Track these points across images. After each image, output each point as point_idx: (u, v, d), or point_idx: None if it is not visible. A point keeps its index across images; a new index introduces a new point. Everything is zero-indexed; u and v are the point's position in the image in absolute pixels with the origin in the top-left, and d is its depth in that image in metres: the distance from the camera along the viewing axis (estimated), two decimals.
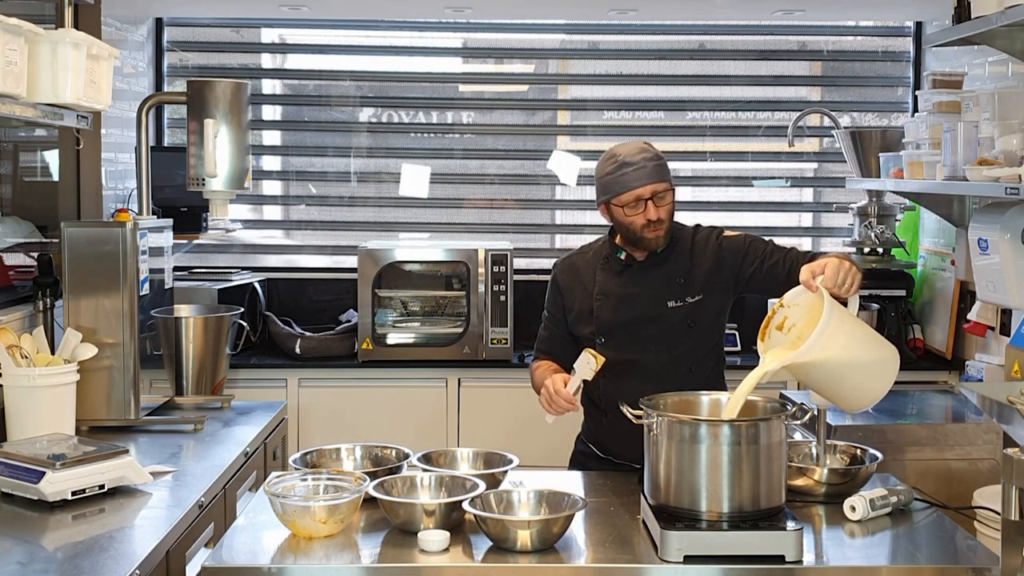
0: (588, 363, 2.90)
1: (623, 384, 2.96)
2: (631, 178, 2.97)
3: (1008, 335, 4.08)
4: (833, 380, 2.61)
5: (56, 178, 4.35)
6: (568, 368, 3.02)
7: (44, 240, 4.08)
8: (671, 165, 2.93)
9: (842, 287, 2.64)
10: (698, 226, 3.16)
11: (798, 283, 2.68)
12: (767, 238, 3.11)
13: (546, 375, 3.03)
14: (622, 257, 3.10)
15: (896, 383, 5.00)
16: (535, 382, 3.12)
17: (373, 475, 2.68)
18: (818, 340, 2.51)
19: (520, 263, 5.14)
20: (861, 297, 4.81)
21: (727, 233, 3.11)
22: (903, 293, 4.96)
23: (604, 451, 3.17)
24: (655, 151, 3.03)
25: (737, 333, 5.00)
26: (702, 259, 3.06)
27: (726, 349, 3.39)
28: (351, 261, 5.20)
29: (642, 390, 2.69)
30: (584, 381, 2.95)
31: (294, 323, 5.11)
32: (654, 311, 3.03)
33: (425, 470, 2.76)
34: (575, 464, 3.25)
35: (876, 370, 2.64)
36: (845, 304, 2.68)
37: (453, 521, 2.51)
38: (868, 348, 2.63)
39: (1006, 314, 4.21)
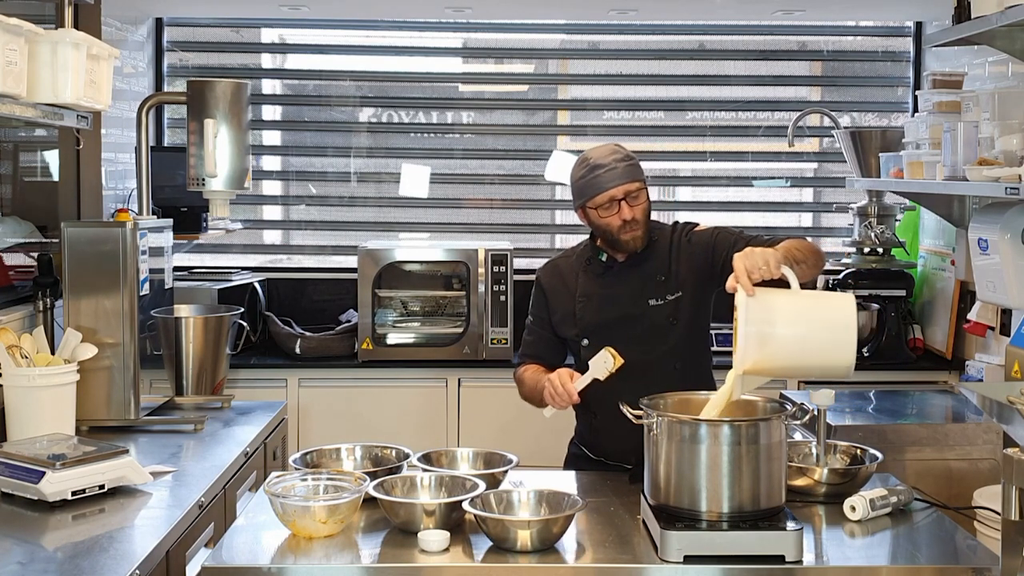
0: (605, 362, 2.85)
1: (611, 384, 2.93)
2: (603, 180, 2.98)
3: (1008, 335, 4.08)
4: (796, 364, 2.53)
5: (56, 178, 4.35)
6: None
7: (44, 240, 4.08)
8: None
9: (760, 271, 2.54)
10: (676, 223, 3.17)
11: None
12: (740, 229, 3.10)
13: (539, 375, 3.03)
14: (603, 259, 3.11)
15: (896, 383, 5.02)
16: (526, 385, 3.11)
17: (373, 475, 2.68)
18: (747, 345, 2.48)
19: (520, 263, 5.14)
20: (860, 298, 4.89)
21: (697, 228, 3.12)
22: (903, 293, 4.97)
23: (596, 452, 3.17)
24: (626, 152, 3.04)
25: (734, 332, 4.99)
26: (678, 256, 3.07)
27: (719, 348, 3.38)
28: (351, 261, 5.20)
29: (630, 389, 2.69)
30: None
31: (294, 323, 5.11)
32: (636, 310, 3.04)
33: (425, 470, 2.76)
34: (569, 467, 3.25)
35: (830, 334, 2.49)
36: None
37: (453, 521, 2.51)
38: (812, 321, 2.51)
39: (1006, 314, 4.21)
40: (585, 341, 3.07)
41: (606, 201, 2.99)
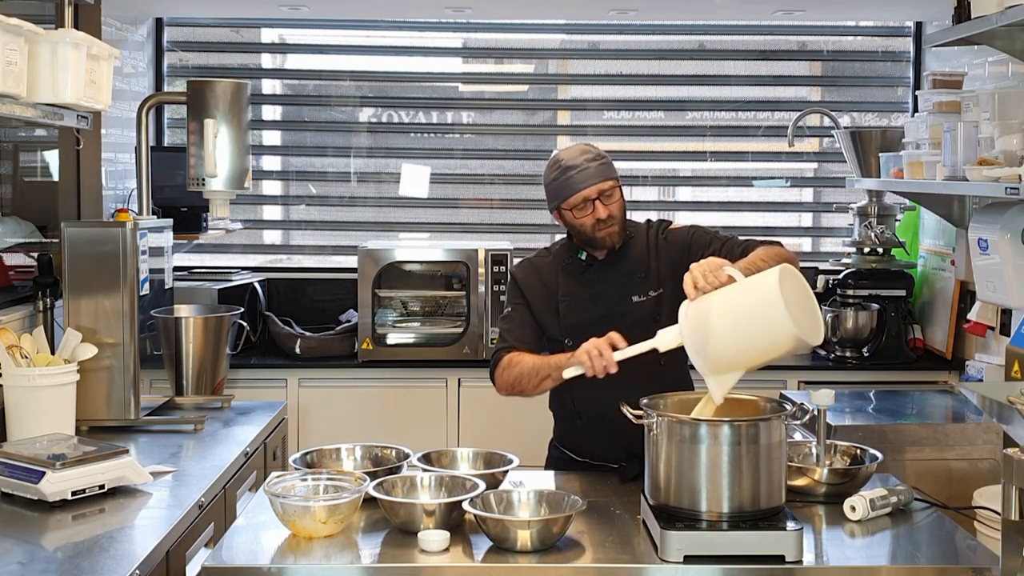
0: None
1: (596, 383, 2.87)
2: (575, 180, 2.98)
3: (1008, 335, 4.08)
4: (745, 353, 2.51)
5: (56, 178, 4.35)
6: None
7: (44, 240, 4.08)
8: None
9: (704, 278, 2.56)
10: (649, 221, 3.17)
11: None
12: (715, 229, 3.10)
13: (537, 358, 2.94)
14: (583, 258, 3.10)
15: (896, 383, 5.00)
16: (523, 366, 2.95)
17: (373, 475, 2.68)
18: (694, 350, 2.51)
19: None
20: (860, 298, 4.88)
21: (672, 227, 3.12)
22: (903, 293, 4.96)
23: (580, 454, 3.13)
24: (597, 151, 3.05)
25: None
26: (657, 254, 3.07)
27: None
28: (351, 261, 5.20)
29: (615, 388, 2.68)
30: (561, 384, 2.93)
31: (294, 323, 5.11)
32: (620, 307, 3.02)
33: (425, 470, 2.77)
34: (550, 469, 3.22)
35: (760, 316, 2.47)
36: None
37: (453, 521, 2.51)
38: (741, 309, 2.51)
39: (1006, 314, 4.21)
40: (569, 341, 3.02)
41: (580, 201, 2.99)
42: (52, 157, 4.42)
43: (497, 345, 3.12)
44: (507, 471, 2.81)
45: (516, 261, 3.30)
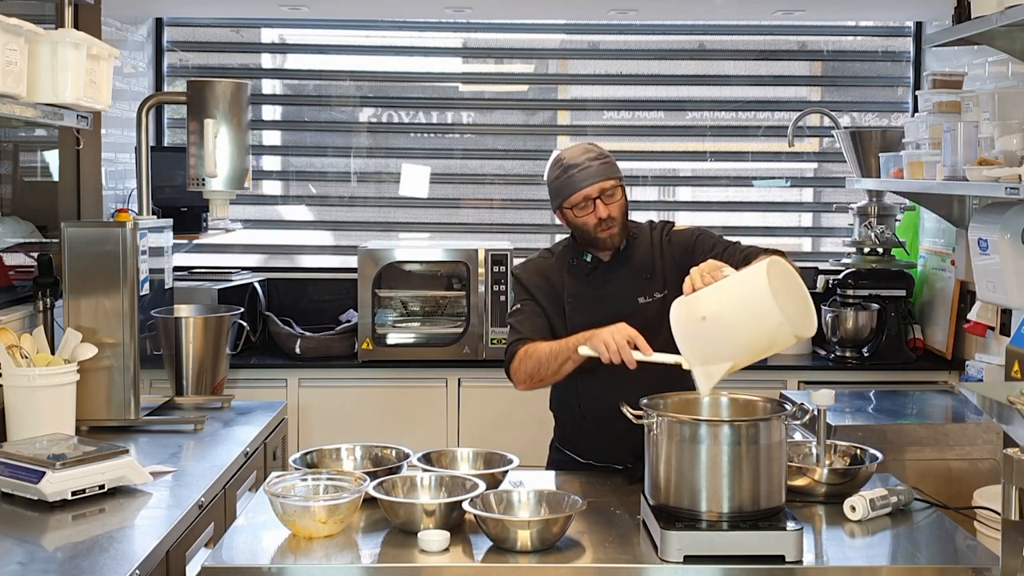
0: None
1: (603, 384, 2.90)
2: (577, 179, 2.98)
3: (1008, 335, 4.08)
4: (734, 345, 2.51)
5: (56, 178, 4.35)
6: None
7: (44, 240, 4.08)
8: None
9: (700, 284, 2.59)
10: (651, 222, 3.18)
11: None
12: (719, 234, 3.10)
13: (556, 343, 2.90)
14: (588, 259, 3.09)
15: (896, 383, 5.01)
16: (539, 353, 2.91)
17: (373, 475, 2.68)
18: (683, 343, 2.54)
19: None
20: (860, 298, 4.88)
21: (676, 228, 3.12)
22: (903, 293, 4.96)
23: (584, 455, 3.12)
24: (600, 150, 3.04)
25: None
26: (661, 255, 3.07)
27: None
28: (351, 261, 5.20)
29: (623, 389, 2.68)
30: (564, 383, 2.92)
31: (294, 323, 5.11)
32: (626, 308, 3.00)
33: (425, 470, 2.76)
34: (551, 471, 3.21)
35: (750, 308, 2.47)
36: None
37: (453, 521, 2.51)
38: (730, 302, 2.52)
39: (1006, 314, 4.21)
40: None
41: (581, 200, 2.98)
42: (52, 157, 4.42)
43: (510, 339, 3.05)
44: (507, 471, 2.80)
45: (516, 262, 3.29)
